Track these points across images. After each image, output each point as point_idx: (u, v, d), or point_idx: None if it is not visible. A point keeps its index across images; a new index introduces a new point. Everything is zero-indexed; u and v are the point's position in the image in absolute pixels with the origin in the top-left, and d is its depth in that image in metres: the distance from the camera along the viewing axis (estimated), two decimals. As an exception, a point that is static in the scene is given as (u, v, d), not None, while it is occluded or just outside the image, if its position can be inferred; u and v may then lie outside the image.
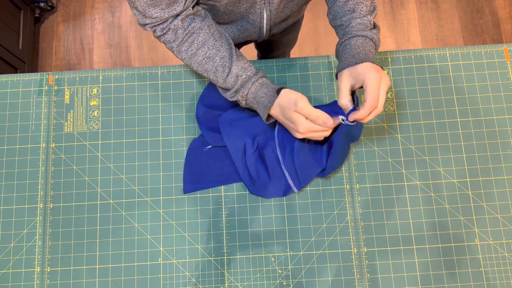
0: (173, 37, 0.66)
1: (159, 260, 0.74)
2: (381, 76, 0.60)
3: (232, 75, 0.66)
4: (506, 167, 0.76)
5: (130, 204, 0.76)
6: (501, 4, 1.77)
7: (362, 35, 0.64)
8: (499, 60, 0.81)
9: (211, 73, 0.67)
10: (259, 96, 0.66)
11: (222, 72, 0.66)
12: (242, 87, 0.66)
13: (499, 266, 0.73)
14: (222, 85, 0.68)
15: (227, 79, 0.67)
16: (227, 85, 0.67)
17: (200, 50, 0.66)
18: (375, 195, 0.76)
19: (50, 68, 1.72)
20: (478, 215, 0.75)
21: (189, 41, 0.66)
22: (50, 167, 0.77)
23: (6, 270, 0.74)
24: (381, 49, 1.73)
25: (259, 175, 0.74)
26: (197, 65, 0.67)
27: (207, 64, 0.67)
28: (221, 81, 0.67)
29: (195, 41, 0.66)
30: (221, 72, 0.67)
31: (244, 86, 0.66)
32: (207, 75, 0.68)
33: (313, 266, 0.73)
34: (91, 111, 0.80)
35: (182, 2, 0.63)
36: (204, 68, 0.67)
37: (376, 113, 0.61)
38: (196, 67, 0.68)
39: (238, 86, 0.66)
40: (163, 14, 0.63)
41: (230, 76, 0.66)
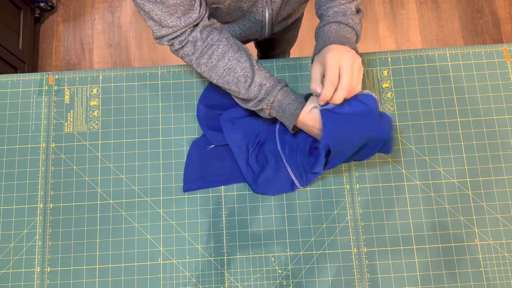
0: (192, 49, 0.65)
1: (159, 260, 0.74)
2: (342, 53, 0.58)
3: (255, 84, 0.65)
4: (506, 167, 0.76)
5: (130, 204, 0.76)
6: (501, 4, 1.77)
7: (336, 21, 0.64)
8: (499, 60, 0.81)
9: (233, 84, 0.66)
10: (286, 103, 0.65)
11: (244, 82, 0.66)
12: (268, 95, 0.66)
13: (499, 266, 0.73)
14: (244, 95, 0.67)
15: (250, 89, 0.66)
16: (250, 95, 0.66)
17: (221, 62, 0.65)
18: (375, 195, 0.76)
19: (50, 68, 1.72)
20: (478, 215, 0.75)
21: (209, 53, 0.65)
22: (50, 167, 0.77)
23: (6, 270, 0.74)
24: (381, 49, 1.73)
25: (263, 171, 0.74)
26: (218, 77, 0.67)
27: (228, 76, 0.66)
28: (243, 91, 0.66)
29: (215, 52, 0.65)
30: (243, 83, 0.66)
31: (270, 94, 0.65)
32: (228, 87, 0.67)
33: (313, 266, 0.73)
34: (91, 111, 0.80)
35: (197, 9, 0.63)
36: (225, 80, 0.66)
37: (345, 91, 0.59)
38: (216, 79, 0.67)
39: (262, 95, 0.66)
40: (180, 22, 0.62)
41: (253, 85, 0.65)
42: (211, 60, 0.66)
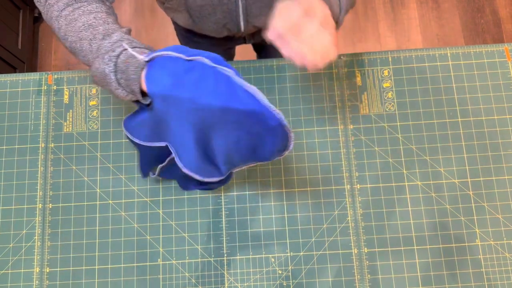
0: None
1: (158, 261, 0.73)
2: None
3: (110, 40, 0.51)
4: (507, 167, 0.76)
5: (129, 204, 0.75)
6: (502, 3, 1.77)
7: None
8: (500, 59, 0.81)
9: (86, 41, 0.52)
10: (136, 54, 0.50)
11: (101, 39, 0.51)
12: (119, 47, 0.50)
13: (500, 267, 0.73)
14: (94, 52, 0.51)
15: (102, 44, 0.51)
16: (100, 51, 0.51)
17: (83, 17, 0.53)
18: (375, 195, 0.75)
19: (49, 68, 1.72)
20: (479, 215, 0.74)
21: (75, 6, 0.54)
22: (49, 167, 0.77)
23: (5, 271, 0.74)
24: (382, 49, 1.72)
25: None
26: (72, 33, 0.53)
27: (85, 31, 0.52)
28: (95, 48, 0.51)
29: (82, 7, 0.54)
30: (98, 40, 0.51)
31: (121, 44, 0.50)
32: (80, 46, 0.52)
33: (313, 267, 0.73)
34: (90, 111, 0.80)
35: None
36: (80, 36, 0.52)
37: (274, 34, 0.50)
38: (70, 36, 0.53)
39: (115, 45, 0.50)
40: None
41: (109, 40, 0.51)
42: (74, 13, 0.53)
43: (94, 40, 0.52)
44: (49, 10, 0.56)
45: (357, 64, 0.81)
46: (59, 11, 0.54)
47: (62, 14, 0.54)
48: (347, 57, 0.81)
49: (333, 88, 0.80)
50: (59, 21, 0.54)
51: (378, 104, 0.79)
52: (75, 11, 0.54)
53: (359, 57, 0.81)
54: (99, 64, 0.50)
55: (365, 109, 0.79)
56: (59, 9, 0.54)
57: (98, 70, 0.50)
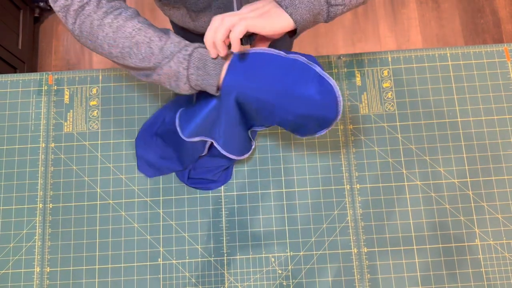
0: (94, 8, 0.55)
1: (158, 261, 0.74)
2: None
3: (172, 41, 0.55)
4: (507, 167, 0.76)
5: (129, 204, 0.76)
6: (501, 3, 1.77)
7: None
8: (499, 60, 0.81)
9: (144, 44, 0.54)
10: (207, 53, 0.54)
11: (159, 41, 0.54)
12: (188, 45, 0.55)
13: (499, 267, 0.73)
14: (158, 54, 0.54)
15: (165, 46, 0.54)
16: (165, 52, 0.54)
17: (129, 22, 0.55)
18: (375, 195, 0.76)
19: (49, 68, 1.72)
20: (479, 215, 0.75)
21: (116, 13, 0.55)
22: (49, 167, 0.77)
23: (5, 271, 0.74)
24: (382, 49, 1.73)
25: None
26: (124, 39, 0.55)
27: (139, 36, 0.54)
28: (156, 51, 0.54)
29: (123, 13, 0.56)
30: (157, 41, 0.54)
31: (189, 45, 0.55)
32: (136, 50, 0.55)
33: (313, 267, 0.73)
34: (90, 111, 0.80)
35: None
36: (135, 41, 0.54)
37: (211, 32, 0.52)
38: (122, 42, 0.55)
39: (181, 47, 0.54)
40: None
41: (170, 41, 0.54)
42: (117, 19, 0.55)
43: (152, 42, 0.54)
44: (85, 21, 0.56)
45: (357, 64, 0.81)
46: (100, 19, 0.55)
47: (105, 22, 0.55)
48: (346, 57, 0.81)
49: (333, 88, 0.80)
50: (103, 29, 0.55)
51: (377, 104, 0.79)
52: (117, 18, 0.55)
53: (358, 57, 0.81)
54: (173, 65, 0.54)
55: (365, 109, 0.79)
56: (99, 18, 0.55)
57: (171, 69, 0.54)
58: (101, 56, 1.74)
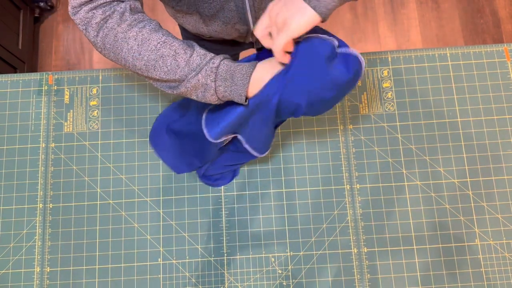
0: (118, 21, 0.55)
1: (158, 261, 0.74)
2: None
3: (198, 54, 0.55)
4: (507, 167, 0.76)
5: (129, 204, 0.76)
6: (501, 4, 1.77)
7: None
8: (499, 60, 0.81)
9: (169, 57, 0.55)
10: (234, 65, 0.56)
11: (184, 53, 0.55)
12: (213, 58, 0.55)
13: (499, 266, 0.73)
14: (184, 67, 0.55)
15: (191, 59, 0.55)
16: (191, 65, 0.55)
17: (154, 35, 0.55)
18: (375, 195, 0.76)
19: (49, 68, 1.72)
20: (479, 215, 0.75)
21: (140, 26, 0.55)
22: (49, 167, 0.77)
23: (5, 270, 0.74)
24: (382, 49, 1.73)
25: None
26: (149, 52, 0.55)
27: (164, 48, 0.55)
28: (182, 64, 0.55)
29: (147, 26, 0.56)
30: (182, 54, 0.55)
31: (214, 58, 0.55)
32: (162, 63, 0.55)
33: (313, 267, 0.73)
34: (90, 111, 0.80)
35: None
36: (160, 54, 0.55)
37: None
38: (147, 55, 0.55)
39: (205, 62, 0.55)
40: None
41: (196, 54, 0.55)
42: (142, 32, 0.55)
43: (178, 55, 0.55)
44: (108, 34, 0.56)
45: (357, 64, 0.81)
46: (124, 32, 0.55)
47: (129, 35, 0.55)
48: (347, 57, 0.81)
49: (333, 88, 0.80)
50: (128, 42, 0.55)
51: (377, 104, 0.79)
52: (142, 30, 0.56)
53: (358, 57, 0.81)
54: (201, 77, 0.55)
55: (365, 109, 0.79)
56: (123, 31, 0.55)
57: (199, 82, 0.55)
58: (101, 56, 1.74)
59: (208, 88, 0.56)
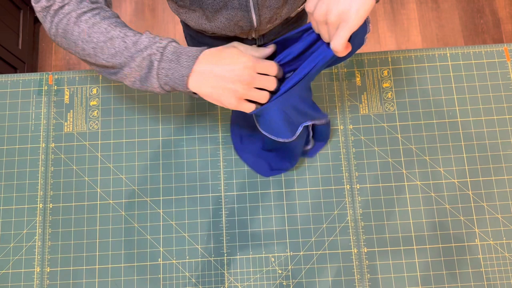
0: (75, 7, 0.56)
1: (158, 261, 0.74)
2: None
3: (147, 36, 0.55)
4: (507, 167, 0.76)
5: (130, 204, 0.76)
6: (501, 4, 1.77)
7: None
8: (499, 60, 0.81)
9: (118, 39, 0.55)
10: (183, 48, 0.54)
11: (133, 36, 0.55)
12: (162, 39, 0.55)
13: (499, 266, 0.73)
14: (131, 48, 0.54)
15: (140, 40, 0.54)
16: (139, 46, 0.54)
17: (106, 20, 0.56)
18: (375, 195, 0.76)
19: (49, 68, 1.72)
20: (479, 215, 0.75)
21: (94, 12, 0.56)
22: (49, 167, 0.77)
23: (5, 270, 0.74)
24: (382, 49, 1.73)
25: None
26: (99, 34, 0.55)
27: (114, 31, 0.55)
28: (130, 44, 0.54)
29: (101, 13, 0.57)
30: (131, 36, 0.55)
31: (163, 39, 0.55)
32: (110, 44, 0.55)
33: (313, 267, 0.73)
34: (90, 111, 0.80)
35: None
36: (110, 36, 0.55)
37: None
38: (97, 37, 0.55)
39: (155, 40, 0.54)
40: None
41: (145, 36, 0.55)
42: (95, 17, 0.56)
43: (127, 37, 0.55)
44: (63, 19, 0.57)
45: (357, 64, 0.81)
46: (77, 17, 0.56)
47: (82, 18, 0.56)
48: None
49: (332, 89, 0.80)
50: (79, 25, 0.56)
51: (377, 104, 0.79)
52: (95, 16, 0.56)
53: (358, 57, 0.81)
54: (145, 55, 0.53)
55: (365, 109, 0.79)
56: (77, 16, 0.56)
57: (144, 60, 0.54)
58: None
59: (152, 69, 0.54)
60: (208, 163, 0.77)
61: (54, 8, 0.57)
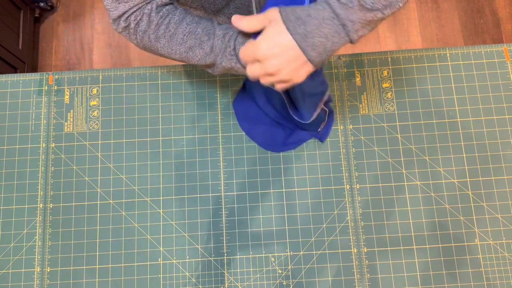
0: (147, 23, 0.59)
1: (159, 260, 0.74)
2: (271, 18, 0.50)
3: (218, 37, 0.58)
4: (506, 167, 0.76)
5: (130, 204, 0.76)
6: (501, 4, 1.77)
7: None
8: (499, 60, 0.81)
9: (196, 47, 0.58)
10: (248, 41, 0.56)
11: (208, 40, 0.58)
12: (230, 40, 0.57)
13: (499, 266, 0.73)
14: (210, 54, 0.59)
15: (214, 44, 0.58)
16: (216, 50, 0.58)
17: (179, 28, 0.59)
18: (375, 195, 0.76)
19: (50, 68, 1.72)
20: (478, 215, 0.75)
21: (165, 22, 0.59)
22: (50, 167, 0.77)
23: (6, 270, 0.74)
24: (381, 49, 1.73)
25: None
26: (179, 46, 0.59)
27: (190, 40, 0.58)
28: (208, 50, 0.58)
29: (172, 21, 0.59)
30: (206, 41, 0.58)
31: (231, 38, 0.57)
32: (192, 54, 0.59)
33: (313, 266, 0.73)
34: (91, 111, 0.80)
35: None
36: (188, 45, 0.59)
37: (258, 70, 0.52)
38: (178, 49, 0.60)
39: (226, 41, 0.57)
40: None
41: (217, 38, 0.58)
42: (168, 28, 0.59)
43: (202, 43, 0.58)
44: (144, 37, 0.60)
45: (357, 64, 0.81)
46: (155, 33, 0.59)
47: (159, 34, 0.60)
48: (346, 57, 0.81)
49: (332, 89, 0.80)
50: (159, 41, 0.60)
51: (377, 104, 0.79)
52: (168, 26, 0.59)
53: (358, 58, 0.81)
54: (225, 62, 0.58)
55: (365, 109, 0.79)
56: (154, 32, 0.59)
57: (225, 66, 0.58)
58: (102, 56, 1.75)
59: (238, 69, 0.58)
60: (208, 163, 0.77)
61: (132, 28, 0.60)
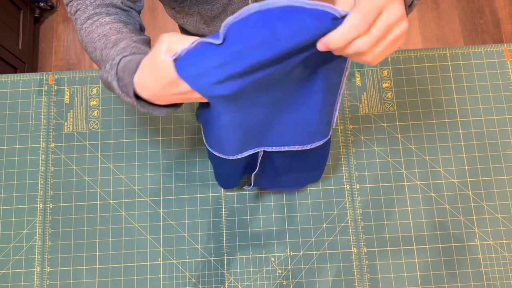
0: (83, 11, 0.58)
1: (158, 260, 0.74)
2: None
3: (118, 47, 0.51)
4: (507, 167, 0.76)
5: (130, 204, 0.76)
6: (501, 4, 1.77)
7: None
8: (499, 60, 0.81)
9: (99, 50, 0.54)
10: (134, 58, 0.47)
11: (110, 48, 0.52)
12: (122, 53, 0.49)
13: (499, 266, 0.73)
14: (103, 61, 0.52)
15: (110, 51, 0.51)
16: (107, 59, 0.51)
17: (100, 28, 0.56)
18: (375, 195, 0.76)
19: (49, 68, 1.72)
20: (478, 215, 0.75)
21: (95, 18, 0.58)
22: (50, 167, 0.77)
23: (5, 270, 0.74)
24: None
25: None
26: (90, 45, 0.56)
27: (99, 41, 0.54)
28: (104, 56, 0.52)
29: (100, 19, 0.57)
30: (108, 49, 0.52)
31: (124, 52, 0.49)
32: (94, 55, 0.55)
33: (313, 266, 0.73)
34: (91, 111, 0.80)
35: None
36: (94, 46, 0.55)
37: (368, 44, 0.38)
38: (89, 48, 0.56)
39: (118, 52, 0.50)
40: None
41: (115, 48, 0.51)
42: (92, 25, 0.57)
43: (105, 49, 0.53)
44: (76, 25, 0.60)
45: (357, 64, 0.81)
46: (81, 24, 0.59)
47: (83, 27, 0.59)
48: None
49: (332, 88, 0.80)
50: (80, 33, 0.59)
51: (377, 104, 0.79)
52: (94, 23, 0.58)
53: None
54: (102, 73, 0.50)
55: (365, 109, 0.79)
56: (81, 23, 0.59)
57: (103, 78, 0.50)
58: (101, 56, 1.74)
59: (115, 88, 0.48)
60: (208, 163, 0.77)
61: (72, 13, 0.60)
